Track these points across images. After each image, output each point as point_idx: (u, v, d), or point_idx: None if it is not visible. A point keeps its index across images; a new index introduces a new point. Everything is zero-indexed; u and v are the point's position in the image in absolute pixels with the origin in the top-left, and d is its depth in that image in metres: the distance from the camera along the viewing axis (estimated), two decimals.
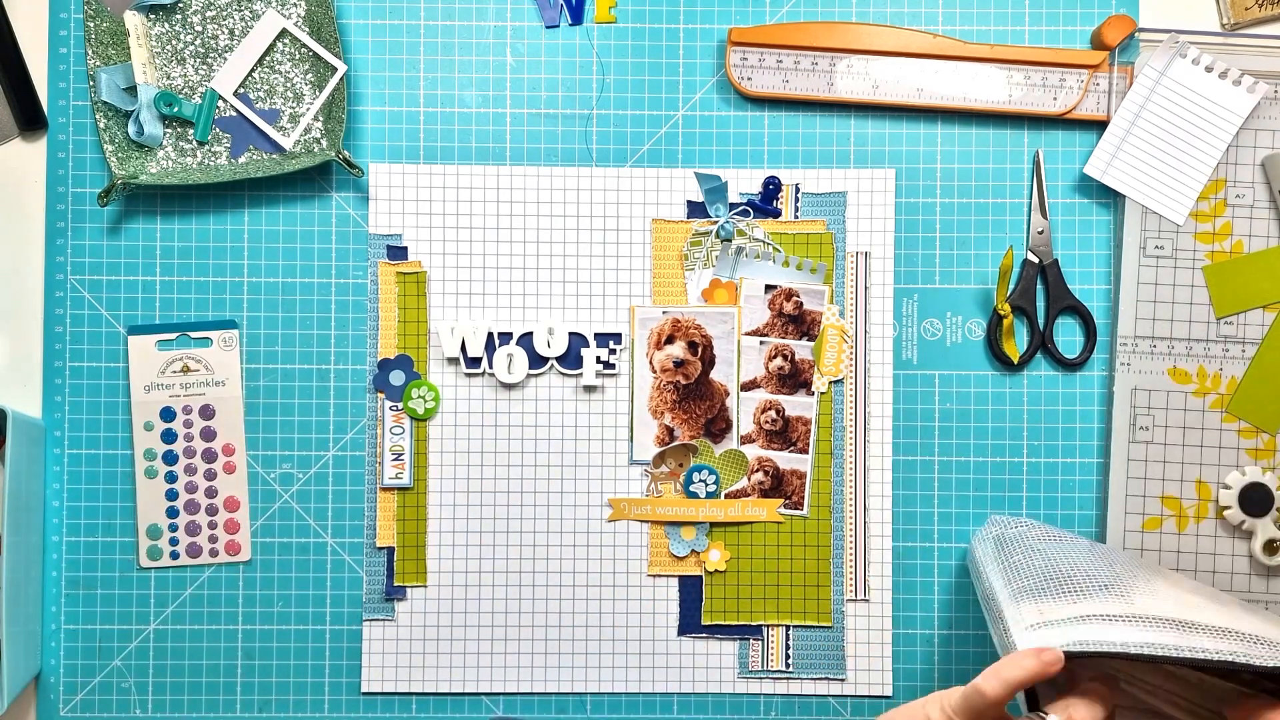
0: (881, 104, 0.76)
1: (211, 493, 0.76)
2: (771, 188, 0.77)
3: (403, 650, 0.76)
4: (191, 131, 0.76)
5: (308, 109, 0.76)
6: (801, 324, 0.76)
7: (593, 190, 0.77)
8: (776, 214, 0.77)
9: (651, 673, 0.76)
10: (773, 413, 0.76)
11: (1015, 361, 0.76)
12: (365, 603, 0.76)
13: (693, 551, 0.76)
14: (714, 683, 0.76)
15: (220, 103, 0.76)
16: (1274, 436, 0.76)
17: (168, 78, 0.76)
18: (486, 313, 0.77)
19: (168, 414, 0.76)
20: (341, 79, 0.75)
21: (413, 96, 0.77)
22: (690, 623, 0.76)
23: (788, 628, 0.76)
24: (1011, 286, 0.77)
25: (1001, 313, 0.75)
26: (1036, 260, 0.77)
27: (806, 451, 0.76)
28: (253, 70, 0.76)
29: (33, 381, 0.76)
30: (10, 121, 0.76)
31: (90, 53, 0.74)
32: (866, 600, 0.76)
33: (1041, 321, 0.77)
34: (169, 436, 0.76)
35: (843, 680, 0.76)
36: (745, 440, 0.76)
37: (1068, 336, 0.77)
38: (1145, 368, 0.76)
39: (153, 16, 0.76)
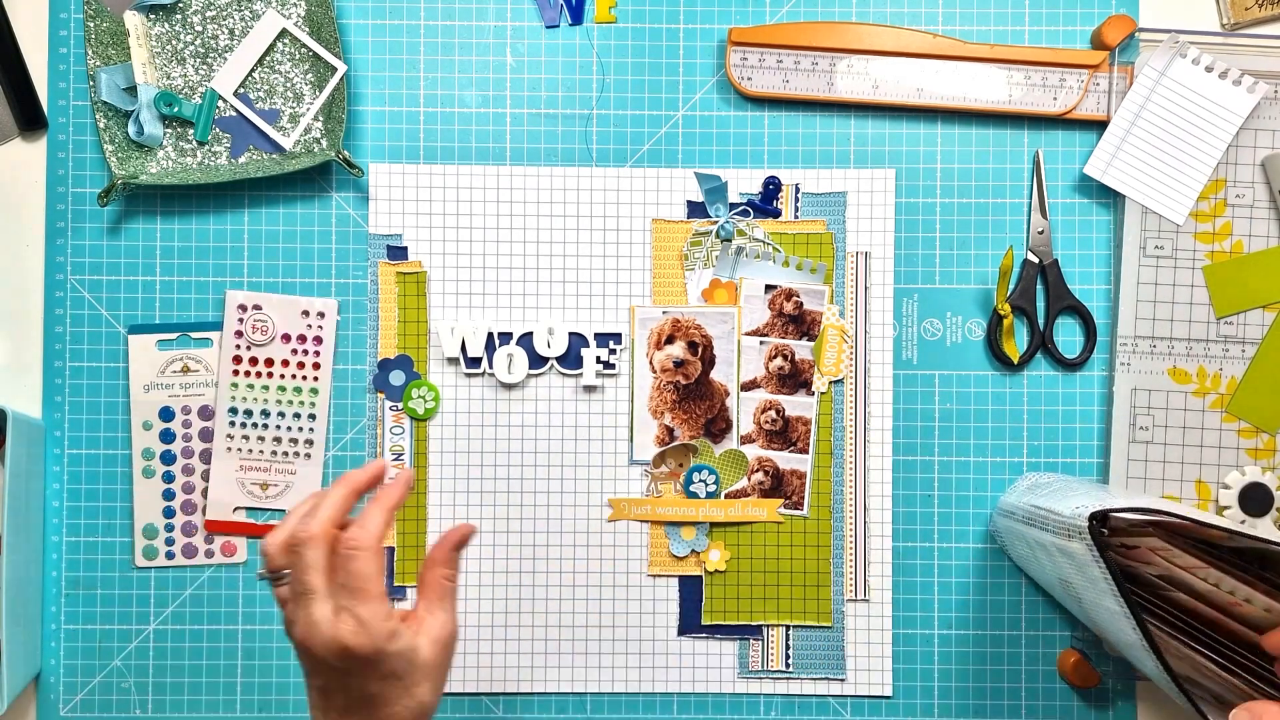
0: (881, 104, 0.76)
1: (209, 494, 0.76)
2: (771, 188, 0.77)
3: None
4: (191, 131, 0.76)
5: (308, 109, 0.76)
6: (801, 324, 0.76)
7: (593, 190, 0.77)
8: (776, 214, 0.77)
9: (651, 673, 0.76)
10: (773, 413, 0.76)
11: (1015, 361, 0.76)
12: None
13: (693, 551, 0.76)
14: (714, 683, 0.76)
15: (220, 103, 0.76)
16: (1274, 436, 0.76)
17: (168, 78, 0.76)
18: (486, 313, 0.77)
19: (166, 414, 0.76)
20: (341, 79, 0.75)
21: (413, 96, 0.77)
22: (690, 623, 0.76)
23: (788, 628, 0.76)
24: (1011, 286, 0.77)
25: (1001, 313, 0.75)
26: (1036, 260, 0.77)
27: (806, 451, 0.76)
28: (253, 70, 0.76)
29: (33, 381, 0.76)
30: (10, 121, 0.76)
31: (90, 53, 0.74)
32: (866, 600, 0.76)
33: (1041, 321, 0.77)
34: (167, 436, 0.76)
35: (843, 680, 0.76)
36: (745, 440, 0.76)
37: (1068, 336, 0.77)
38: (1145, 368, 0.76)
39: (153, 16, 0.76)
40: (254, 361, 0.75)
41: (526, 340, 0.76)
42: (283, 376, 0.76)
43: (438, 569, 0.61)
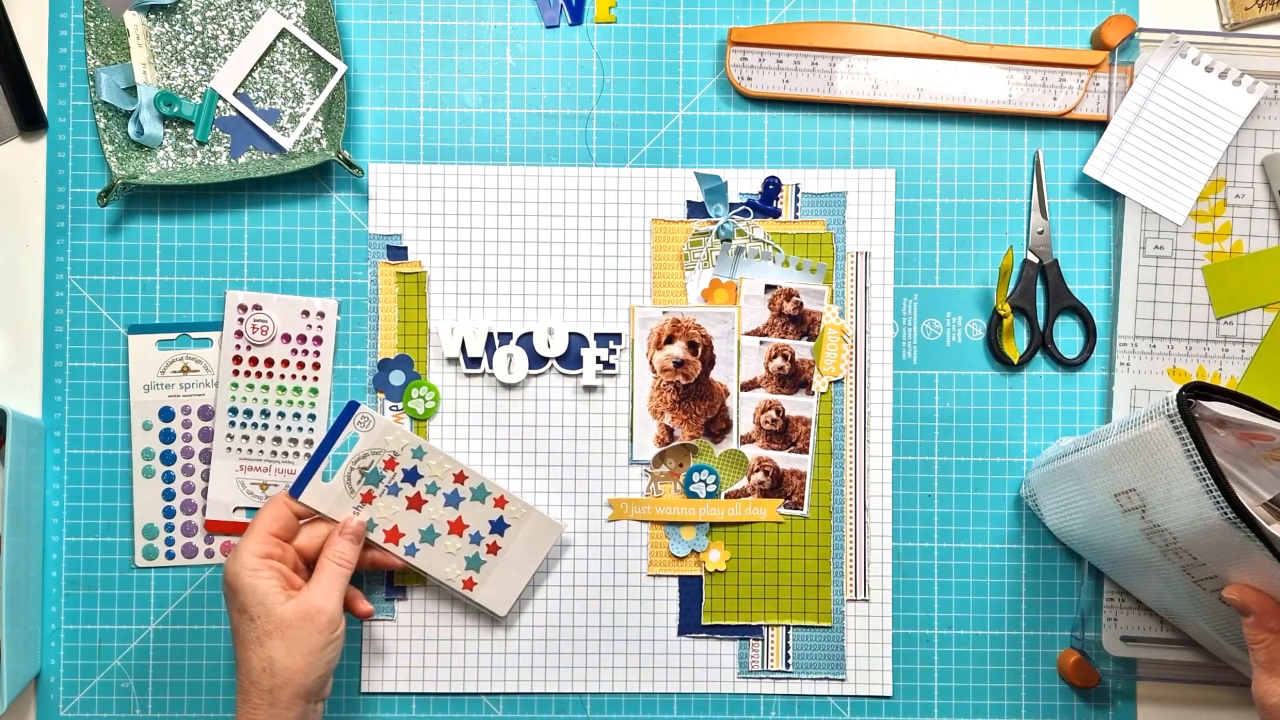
0: (881, 104, 0.76)
1: (208, 494, 0.76)
2: (771, 188, 0.77)
3: (403, 650, 0.76)
4: (191, 131, 0.76)
5: (308, 109, 0.76)
6: (801, 324, 0.76)
7: (593, 190, 0.77)
8: (776, 214, 0.77)
9: (651, 673, 0.76)
10: (773, 413, 0.76)
11: (1015, 361, 0.76)
12: None
13: (693, 551, 0.76)
14: (714, 683, 0.76)
15: (220, 103, 0.76)
16: None
17: (168, 78, 0.76)
18: (486, 313, 0.77)
19: (166, 414, 0.76)
20: (341, 79, 0.75)
21: (413, 96, 0.77)
22: (690, 623, 0.76)
23: (788, 628, 0.76)
24: (1011, 286, 0.77)
25: (1001, 313, 0.75)
26: (1036, 260, 0.77)
27: (806, 451, 0.76)
28: (253, 70, 0.76)
29: (33, 381, 0.76)
30: (10, 121, 0.76)
31: (90, 53, 0.74)
32: (866, 600, 0.76)
33: (1041, 321, 0.77)
34: (167, 436, 0.76)
35: (843, 680, 0.76)
36: (745, 440, 0.76)
37: (1068, 336, 0.77)
38: (1145, 368, 0.76)
39: (153, 16, 0.76)
40: (254, 361, 0.75)
41: (526, 340, 0.76)
42: (283, 376, 0.76)
43: (332, 549, 0.68)
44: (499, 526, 0.73)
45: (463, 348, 0.76)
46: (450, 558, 0.73)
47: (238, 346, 0.75)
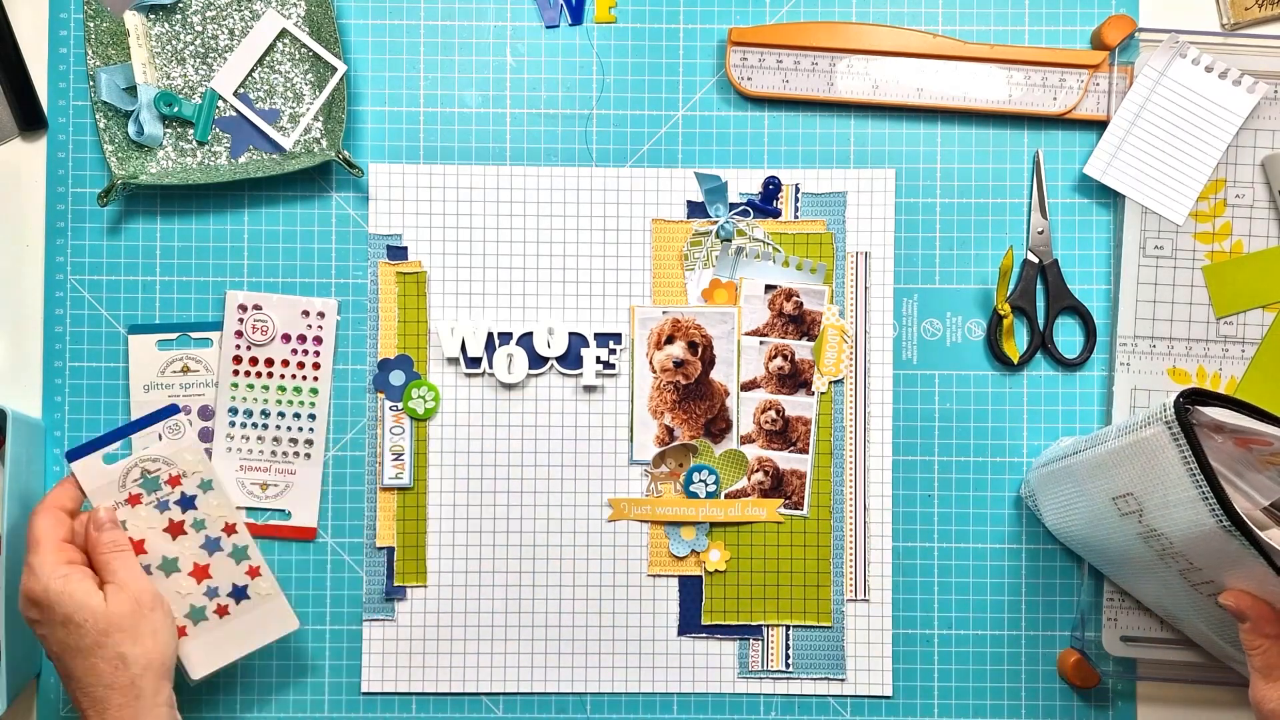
0: (881, 104, 0.76)
1: None
2: (771, 188, 0.77)
3: (403, 650, 0.76)
4: (191, 131, 0.76)
5: (308, 109, 0.76)
6: (801, 324, 0.76)
7: (593, 190, 0.77)
8: (776, 214, 0.77)
9: (651, 673, 0.76)
10: (773, 413, 0.76)
11: (1015, 361, 0.76)
12: (365, 603, 0.76)
13: (693, 551, 0.76)
14: (714, 683, 0.76)
15: (220, 103, 0.76)
16: None
17: (168, 78, 0.76)
18: (486, 313, 0.77)
19: None
20: (341, 79, 0.75)
21: (413, 96, 0.77)
22: (690, 623, 0.76)
23: (788, 628, 0.76)
24: (1011, 286, 0.77)
25: (1001, 313, 0.75)
26: (1036, 260, 0.77)
27: (806, 451, 0.76)
28: (253, 70, 0.76)
29: (33, 381, 0.76)
30: (10, 121, 0.76)
31: (90, 53, 0.74)
32: (866, 600, 0.76)
33: (1041, 321, 0.77)
34: None
35: (842, 680, 0.76)
36: (745, 440, 0.76)
37: (1068, 336, 0.77)
38: (1145, 368, 0.76)
39: (153, 16, 0.76)
40: (254, 361, 0.75)
41: (526, 340, 0.76)
42: (283, 376, 0.76)
43: (103, 543, 0.67)
44: (239, 593, 0.70)
45: (463, 348, 0.76)
46: (175, 597, 0.69)
47: (238, 346, 0.75)
